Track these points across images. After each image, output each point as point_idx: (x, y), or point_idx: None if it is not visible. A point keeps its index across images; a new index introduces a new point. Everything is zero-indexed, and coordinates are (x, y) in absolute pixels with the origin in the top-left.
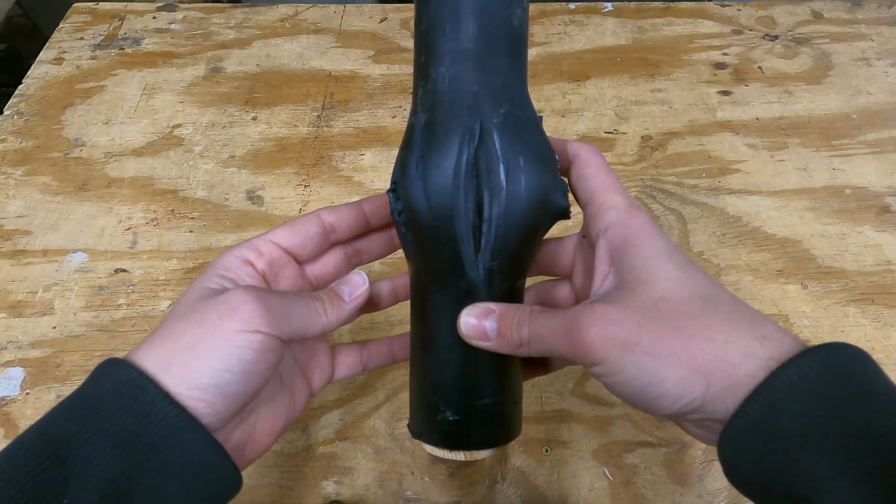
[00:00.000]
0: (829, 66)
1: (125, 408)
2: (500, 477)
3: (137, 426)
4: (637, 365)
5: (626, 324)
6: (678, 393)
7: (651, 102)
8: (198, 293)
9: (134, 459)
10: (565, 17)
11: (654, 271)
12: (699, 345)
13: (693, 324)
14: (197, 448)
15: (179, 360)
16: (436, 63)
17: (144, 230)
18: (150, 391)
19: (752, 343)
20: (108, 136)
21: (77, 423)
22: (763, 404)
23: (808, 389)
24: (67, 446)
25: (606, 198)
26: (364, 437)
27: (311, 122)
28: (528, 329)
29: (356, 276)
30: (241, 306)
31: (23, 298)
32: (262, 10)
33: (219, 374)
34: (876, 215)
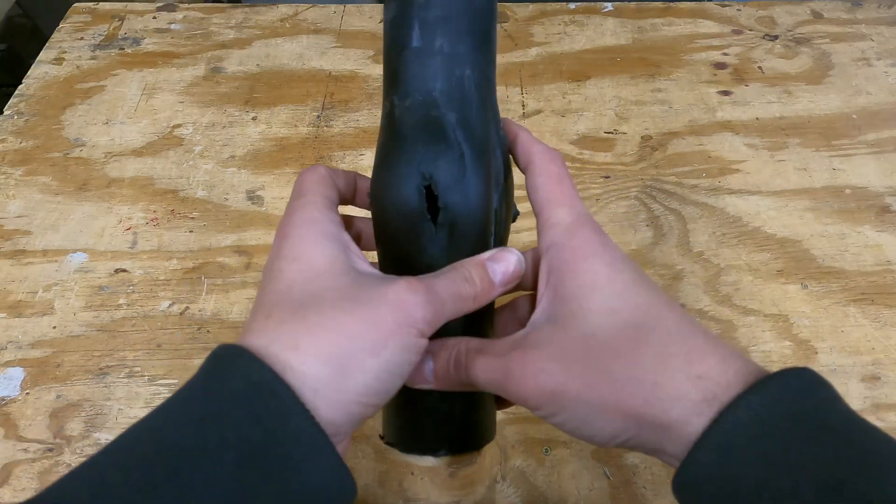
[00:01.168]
0: (829, 66)
1: (254, 417)
2: (500, 477)
3: (265, 442)
4: (567, 411)
5: (555, 373)
6: (609, 434)
7: (651, 102)
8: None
9: (256, 482)
10: (565, 17)
11: (585, 303)
12: (626, 389)
13: (622, 364)
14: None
15: (361, 365)
16: (451, 60)
17: (144, 230)
18: (286, 400)
19: (685, 385)
20: (108, 136)
21: (196, 430)
22: (713, 450)
23: (758, 432)
24: (185, 459)
25: (550, 213)
26: (364, 437)
27: (311, 122)
28: (465, 371)
29: (510, 254)
30: (417, 311)
31: (23, 298)
32: (262, 10)
33: (394, 381)
34: (876, 215)
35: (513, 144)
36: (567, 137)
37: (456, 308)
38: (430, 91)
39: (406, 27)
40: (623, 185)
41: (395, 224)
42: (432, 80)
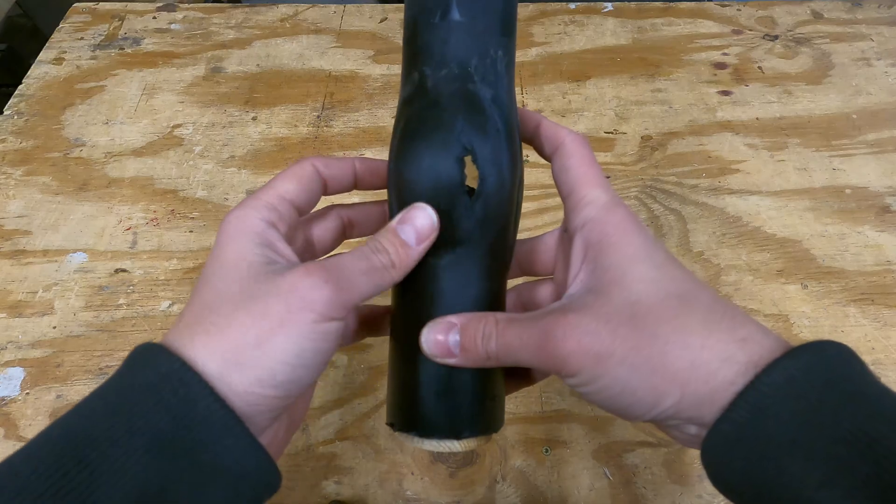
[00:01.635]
0: (829, 66)
1: (163, 404)
2: (500, 477)
3: (175, 427)
4: (610, 375)
5: (600, 334)
6: (650, 402)
7: (651, 102)
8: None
9: (168, 467)
10: (565, 17)
11: (629, 272)
12: (675, 352)
13: (668, 328)
14: (241, 454)
15: (250, 358)
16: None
17: (144, 230)
18: (194, 386)
19: (731, 346)
20: (108, 136)
21: (107, 420)
22: (748, 409)
23: (794, 393)
24: (94, 447)
25: (586, 192)
26: (364, 437)
27: (311, 122)
28: (495, 342)
29: (417, 210)
30: (312, 294)
31: (23, 298)
32: (262, 10)
33: (294, 370)
34: (876, 215)
35: (535, 131)
36: None
37: (373, 282)
38: (465, 65)
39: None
40: (623, 185)
41: (429, 196)
42: (469, 55)
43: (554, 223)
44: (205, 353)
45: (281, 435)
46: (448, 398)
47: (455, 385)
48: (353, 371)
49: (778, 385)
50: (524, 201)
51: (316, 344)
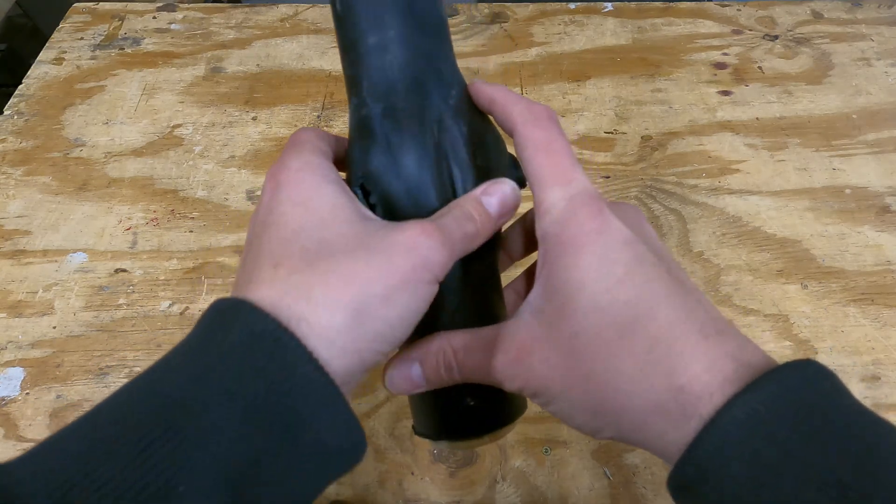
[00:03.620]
0: (829, 66)
1: (257, 369)
2: (500, 477)
3: (271, 394)
4: (551, 405)
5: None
6: (593, 429)
7: (651, 102)
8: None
9: (264, 437)
10: (565, 17)
11: (573, 301)
12: (606, 393)
13: (602, 367)
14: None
15: (374, 311)
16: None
17: (144, 230)
18: (292, 350)
19: (663, 396)
20: (108, 136)
21: (197, 385)
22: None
23: (758, 432)
24: (185, 413)
25: (542, 196)
26: None
27: (311, 122)
28: (458, 373)
29: (502, 184)
30: (433, 255)
31: (23, 298)
32: (262, 10)
33: (407, 329)
34: (876, 215)
35: (491, 110)
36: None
37: (463, 247)
38: (360, 90)
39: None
40: (623, 185)
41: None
42: (360, 77)
43: None
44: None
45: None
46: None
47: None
48: None
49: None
50: None
51: (424, 304)
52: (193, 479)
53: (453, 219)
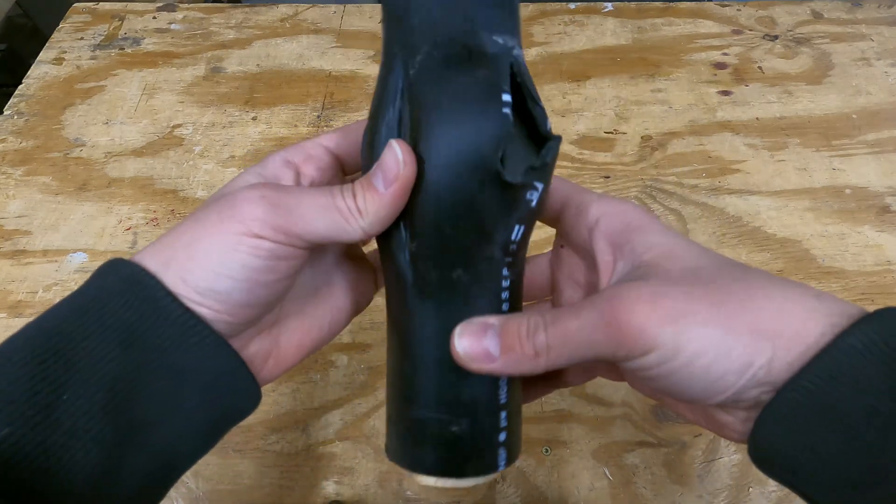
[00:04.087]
0: (829, 66)
1: (128, 304)
2: (500, 477)
3: (143, 324)
4: (698, 339)
5: (674, 296)
6: (744, 364)
7: (651, 102)
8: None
9: (141, 359)
10: (565, 17)
11: (676, 247)
12: (757, 306)
13: (741, 287)
14: (208, 353)
15: (177, 258)
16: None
17: (144, 230)
18: (152, 287)
19: (811, 300)
20: (108, 136)
21: (78, 318)
22: (821, 375)
23: (873, 358)
24: (68, 340)
25: (583, 197)
26: (364, 437)
27: (311, 122)
28: (545, 334)
29: (388, 153)
30: (244, 206)
31: (23, 298)
32: (262, 10)
33: (217, 279)
34: (876, 215)
35: None
36: (567, 137)
37: (331, 220)
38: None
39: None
40: (623, 185)
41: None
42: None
43: None
44: (149, 255)
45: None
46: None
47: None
48: (353, 371)
49: (856, 349)
50: None
51: (244, 256)
52: (78, 389)
53: (318, 189)
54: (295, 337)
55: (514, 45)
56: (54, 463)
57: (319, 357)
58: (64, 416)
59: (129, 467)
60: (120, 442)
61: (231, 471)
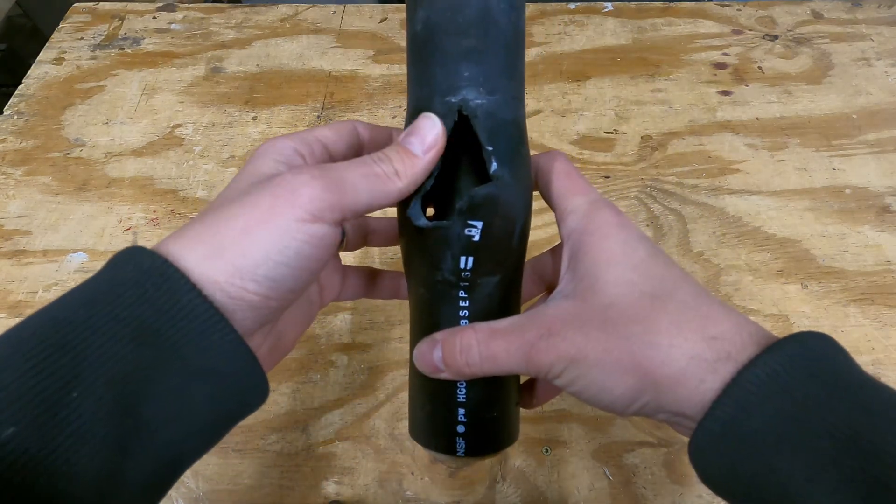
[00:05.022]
0: (829, 66)
1: (145, 298)
2: (500, 477)
3: (159, 320)
4: (586, 377)
5: (575, 339)
6: (627, 400)
7: (651, 102)
8: (249, 177)
9: (153, 356)
10: (565, 17)
11: (602, 277)
12: (643, 352)
13: (639, 329)
14: (226, 353)
15: (231, 245)
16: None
17: (144, 230)
18: (175, 280)
19: (698, 345)
20: (108, 136)
21: (88, 310)
22: (732, 406)
23: (777, 387)
24: (77, 333)
25: (567, 203)
26: (364, 437)
27: (311, 122)
28: (476, 351)
29: (424, 119)
30: (302, 190)
31: (23, 298)
32: (262, 10)
33: (276, 267)
34: (876, 215)
35: None
36: (567, 137)
37: (374, 187)
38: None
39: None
40: (623, 185)
41: None
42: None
43: None
44: (189, 244)
45: (264, 352)
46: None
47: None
48: (353, 371)
49: (761, 381)
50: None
51: (300, 244)
52: (85, 388)
53: (354, 161)
54: (291, 328)
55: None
56: (60, 465)
57: (319, 357)
58: (71, 416)
59: (135, 467)
60: (126, 442)
61: (231, 471)
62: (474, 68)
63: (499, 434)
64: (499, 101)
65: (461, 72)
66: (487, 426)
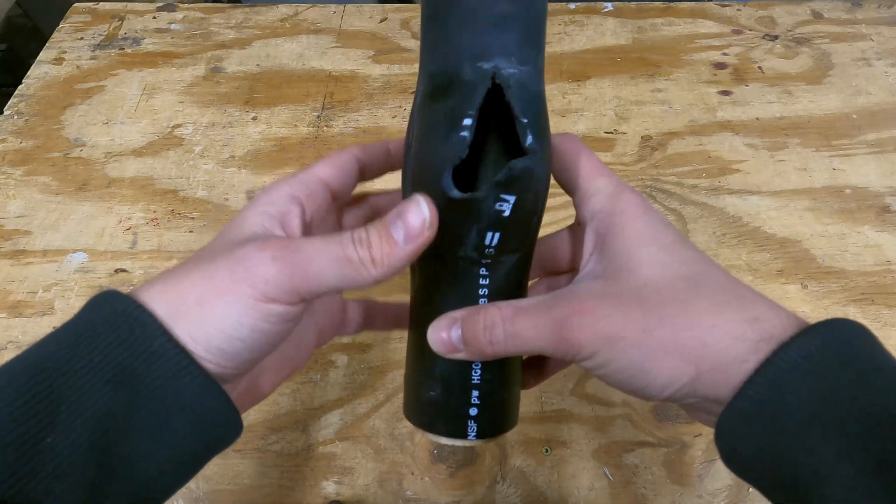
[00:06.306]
0: (829, 66)
1: (120, 340)
2: (500, 477)
3: (134, 361)
4: (623, 358)
5: (612, 317)
6: (664, 382)
7: (651, 102)
8: (231, 234)
9: (130, 395)
10: (565, 17)
11: (635, 257)
12: (685, 332)
13: (678, 309)
14: (198, 393)
15: (187, 314)
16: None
17: (144, 230)
18: (149, 325)
19: (741, 325)
20: (108, 136)
21: (67, 353)
22: (765, 385)
23: (811, 369)
24: (56, 376)
25: (590, 184)
26: (364, 437)
27: (311, 122)
28: (501, 329)
29: (413, 206)
30: (258, 270)
31: (23, 298)
32: (262, 10)
33: (229, 341)
34: (876, 215)
35: None
36: None
37: (343, 274)
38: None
39: None
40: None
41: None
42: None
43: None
44: (157, 297)
45: (237, 393)
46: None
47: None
48: (353, 371)
49: (795, 361)
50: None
51: (255, 321)
52: (62, 430)
53: (329, 239)
54: (271, 375)
55: (506, 65)
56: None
57: (319, 357)
58: (47, 458)
59: (112, 503)
60: (103, 480)
61: (231, 471)
62: (508, 35)
63: (507, 416)
64: (530, 72)
65: (493, 38)
66: (497, 408)
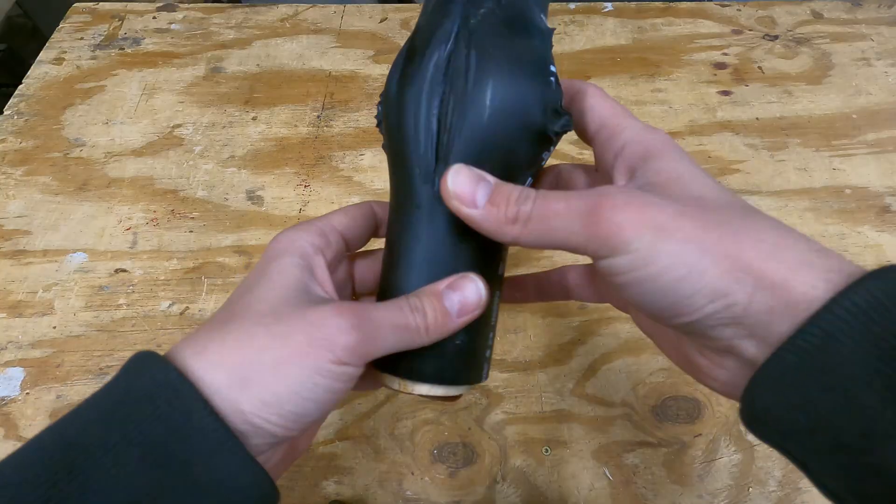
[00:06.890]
0: (829, 66)
1: (158, 415)
2: (500, 477)
3: (170, 439)
4: (674, 253)
5: (665, 207)
6: (719, 290)
7: (651, 102)
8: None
9: (162, 478)
10: (565, 17)
11: (686, 174)
12: (750, 241)
13: (742, 222)
14: (235, 471)
15: (260, 379)
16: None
17: (144, 230)
18: (188, 398)
19: (809, 254)
20: (108, 136)
21: (100, 428)
22: (818, 334)
23: (878, 318)
24: (86, 455)
25: (619, 121)
26: (364, 437)
27: (311, 122)
28: (531, 204)
29: (469, 281)
30: (337, 337)
31: (23, 298)
32: (262, 10)
33: (303, 403)
34: (876, 215)
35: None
36: (567, 137)
37: (401, 339)
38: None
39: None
40: None
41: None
42: None
43: None
44: (214, 362)
45: (276, 460)
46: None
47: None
48: None
49: (860, 308)
50: None
51: (329, 382)
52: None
53: (391, 307)
54: (307, 437)
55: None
56: None
57: None
58: None
59: None
60: None
61: None
62: None
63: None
64: None
65: None
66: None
